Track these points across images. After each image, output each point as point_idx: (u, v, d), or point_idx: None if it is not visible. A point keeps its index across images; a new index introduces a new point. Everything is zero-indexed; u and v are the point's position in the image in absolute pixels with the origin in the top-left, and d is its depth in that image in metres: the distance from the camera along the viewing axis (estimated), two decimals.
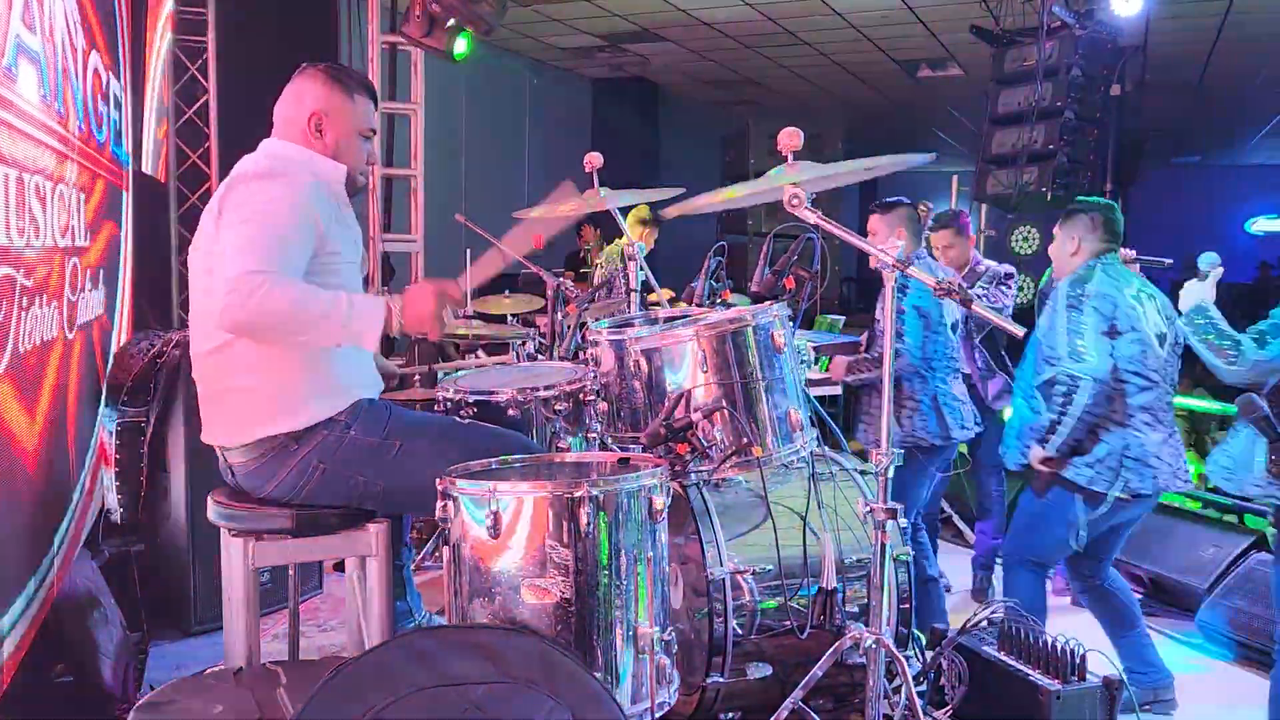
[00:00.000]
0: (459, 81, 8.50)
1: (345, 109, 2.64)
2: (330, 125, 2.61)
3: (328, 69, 2.67)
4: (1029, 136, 6.97)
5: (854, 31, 9.28)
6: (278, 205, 2.42)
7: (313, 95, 2.62)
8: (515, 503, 2.27)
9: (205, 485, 3.30)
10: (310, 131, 2.61)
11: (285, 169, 2.53)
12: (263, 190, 2.45)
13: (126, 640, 3.25)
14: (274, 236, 2.37)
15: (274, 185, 2.46)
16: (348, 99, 2.64)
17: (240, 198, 2.44)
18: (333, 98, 2.63)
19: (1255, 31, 8.99)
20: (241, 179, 2.50)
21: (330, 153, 2.63)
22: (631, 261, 3.46)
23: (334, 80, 2.65)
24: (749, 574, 2.87)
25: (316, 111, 2.61)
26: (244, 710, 2.23)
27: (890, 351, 2.38)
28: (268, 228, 2.37)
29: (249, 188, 2.46)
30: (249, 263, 2.30)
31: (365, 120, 2.69)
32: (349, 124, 2.64)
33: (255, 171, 2.52)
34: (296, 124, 2.62)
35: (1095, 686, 2.76)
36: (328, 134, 2.62)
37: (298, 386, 2.50)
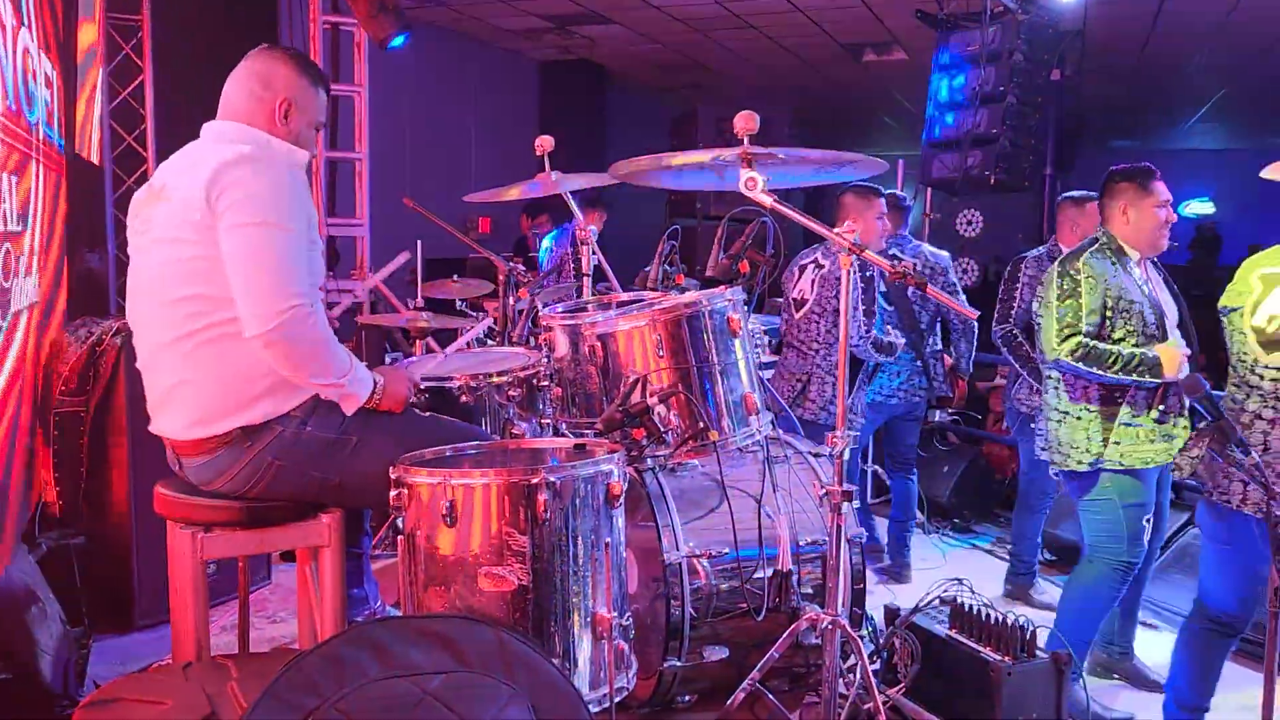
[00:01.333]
0: (403, 63, 8.37)
1: (311, 99, 2.62)
2: (296, 113, 2.58)
3: (294, 55, 2.64)
4: (973, 120, 7.05)
5: (800, 15, 9.29)
6: (278, 207, 2.38)
7: (283, 80, 2.57)
8: (472, 490, 2.25)
9: (149, 476, 3.22)
10: (278, 116, 2.56)
11: (268, 155, 2.47)
12: (256, 184, 2.38)
13: (67, 636, 3.17)
14: (291, 253, 2.38)
15: (263, 175, 2.40)
16: (314, 89, 2.63)
17: (233, 192, 2.36)
18: (302, 86, 2.60)
19: (1190, 18, 9.18)
20: (229, 163, 2.39)
21: (291, 140, 2.58)
22: (584, 245, 3.44)
23: (303, 69, 2.62)
24: (705, 558, 2.88)
25: (287, 98, 2.56)
26: (195, 705, 2.17)
27: (846, 332, 2.39)
28: (285, 240, 2.37)
29: (236, 177, 2.37)
30: (288, 293, 2.34)
31: (322, 113, 2.68)
32: (311, 115, 2.62)
33: (241, 155, 2.42)
34: (263, 107, 2.55)
35: (1044, 663, 2.82)
36: (293, 121, 2.58)
37: (254, 381, 2.43)
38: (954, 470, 5.58)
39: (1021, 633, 2.83)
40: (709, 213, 9.04)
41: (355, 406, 2.52)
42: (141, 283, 2.55)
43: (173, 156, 2.59)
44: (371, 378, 2.55)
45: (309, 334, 2.37)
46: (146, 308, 2.53)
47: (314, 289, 2.48)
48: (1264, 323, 2.70)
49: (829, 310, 4.12)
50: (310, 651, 2.02)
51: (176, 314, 2.44)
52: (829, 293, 4.11)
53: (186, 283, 2.42)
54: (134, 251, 2.58)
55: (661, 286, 3.21)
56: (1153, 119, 14.97)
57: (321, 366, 2.42)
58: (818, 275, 4.15)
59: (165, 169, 2.56)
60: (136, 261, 2.57)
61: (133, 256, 2.59)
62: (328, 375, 2.44)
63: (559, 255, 7.01)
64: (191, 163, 2.47)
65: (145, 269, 2.53)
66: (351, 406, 2.51)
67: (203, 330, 2.42)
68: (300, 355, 2.38)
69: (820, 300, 4.14)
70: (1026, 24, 6.99)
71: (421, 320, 4.31)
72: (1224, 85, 12.45)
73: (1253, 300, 2.73)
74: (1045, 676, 2.81)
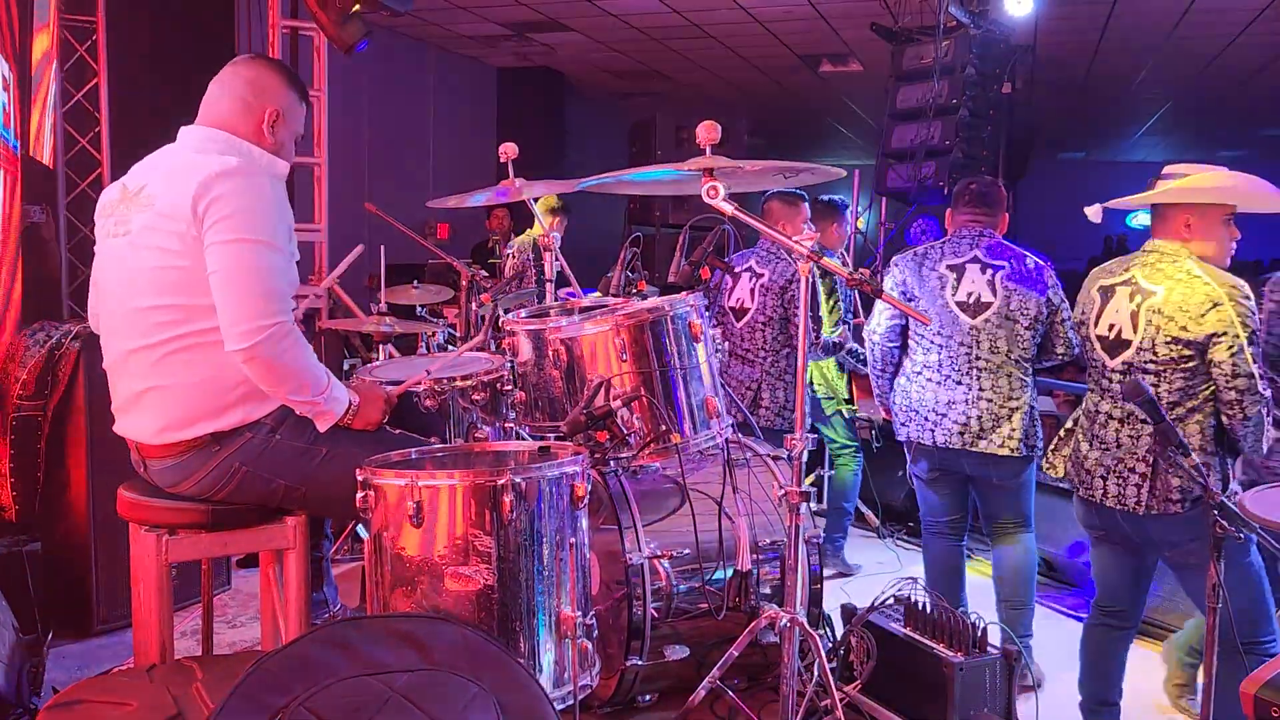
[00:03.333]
0: (362, 68, 8.36)
1: (297, 112, 2.65)
2: (283, 124, 2.60)
3: (284, 67, 2.68)
4: (927, 132, 7.20)
5: (757, 26, 9.42)
6: (266, 223, 2.40)
7: (274, 91, 2.58)
8: (438, 491, 2.28)
9: (108, 481, 3.21)
10: (266, 125, 2.56)
11: (253, 168, 2.47)
12: (245, 199, 2.38)
13: (20, 643, 3.14)
14: (276, 271, 2.39)
15: (251, 189, 2.40)
16: (299, 102, 2.66)
17: (221, 205, 2.36)
18: (291, 99, 2.62)
19: (1136, 35, 9.43)
20: (218, 176, 2.38)
21: (275, 149, 2.59)
22: (548, 252, 3.48)
23: (293, 82, 2.65)
24: (666, 558, 2.92)
25: (277, 109, 2.57)
26: (160, 706, 2.18)
27: (805, 339, 2.45)
28: (270, 257, 2.39)
29: (226, 189, 2.37)
30: (270, 310, 2.36)
31: (301, 124, 2.71)
32: (295, 127, 2.65)
33: (229, 168, 2.41)
34: (253, 116, 2.55)
35: (995, 658, 2.90)
36: (279, 132, 2.59)
37: (227, 389, 2.44)
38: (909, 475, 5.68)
39: (973, 629, 2.92)
40: (668, 221, 9.12)
41: (329, 424, 2.53)
42: (110, 285, 2.53)
43: (150, 157, 2.57)
44: (347, 397, 2.56)
45: (290, 351, 2.39)
46: (114, 311, 2.52)
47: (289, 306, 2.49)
48: (1105, 330, 2.95)
49: (775, 318, 4.19)
50: (278, 651, 2.04)
51: (147, 321, 2.43)
52: (773, 301, 4.18)
53: (161, 292, 2.42)
54: (103, 252, 2.55)
55: (624, 292, 3.27)
56: (1101, 131, 15.33)
57: (300, 384, 2.44)
58: (756, 284, 4.22)
59: (144, 171, 2.53)
60: (104, 262, 2.55)
61: (101, 256, 2.56)
62: (305, 393, 2.45)
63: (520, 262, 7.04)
64: (175, 170, 2.44)
65: (115, 272, 2.51)
66: (325, 424, 2.53)
67: (174, 339, 2.42)
68: (280, 372, 2.40)
69: (763, 308, 4.20)
70: (979, 38, 7.16)
71: (385, 324, 4.31)
72: (1169, 99, 12.79)
73: (1095, 311, 3.00)
74: (995, 671, 2.89)
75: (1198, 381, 2.80)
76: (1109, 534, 3.01)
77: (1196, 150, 15.85)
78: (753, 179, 2.86)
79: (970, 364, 3.45)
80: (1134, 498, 2.84)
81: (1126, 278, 2.94)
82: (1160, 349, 2.82)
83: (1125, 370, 2.89)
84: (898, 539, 5.44)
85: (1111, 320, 2.94)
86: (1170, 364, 2.81)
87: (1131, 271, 2.94)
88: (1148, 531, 2.87)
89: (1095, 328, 2.99)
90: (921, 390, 3.54)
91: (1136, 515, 2.84)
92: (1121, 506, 2.87)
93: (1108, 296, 2.97)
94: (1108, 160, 18.07)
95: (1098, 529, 3.03)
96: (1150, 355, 2.84)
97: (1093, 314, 3.01)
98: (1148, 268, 2.91)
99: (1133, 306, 2.89)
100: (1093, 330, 3.00)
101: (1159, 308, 2.82)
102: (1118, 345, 2.92)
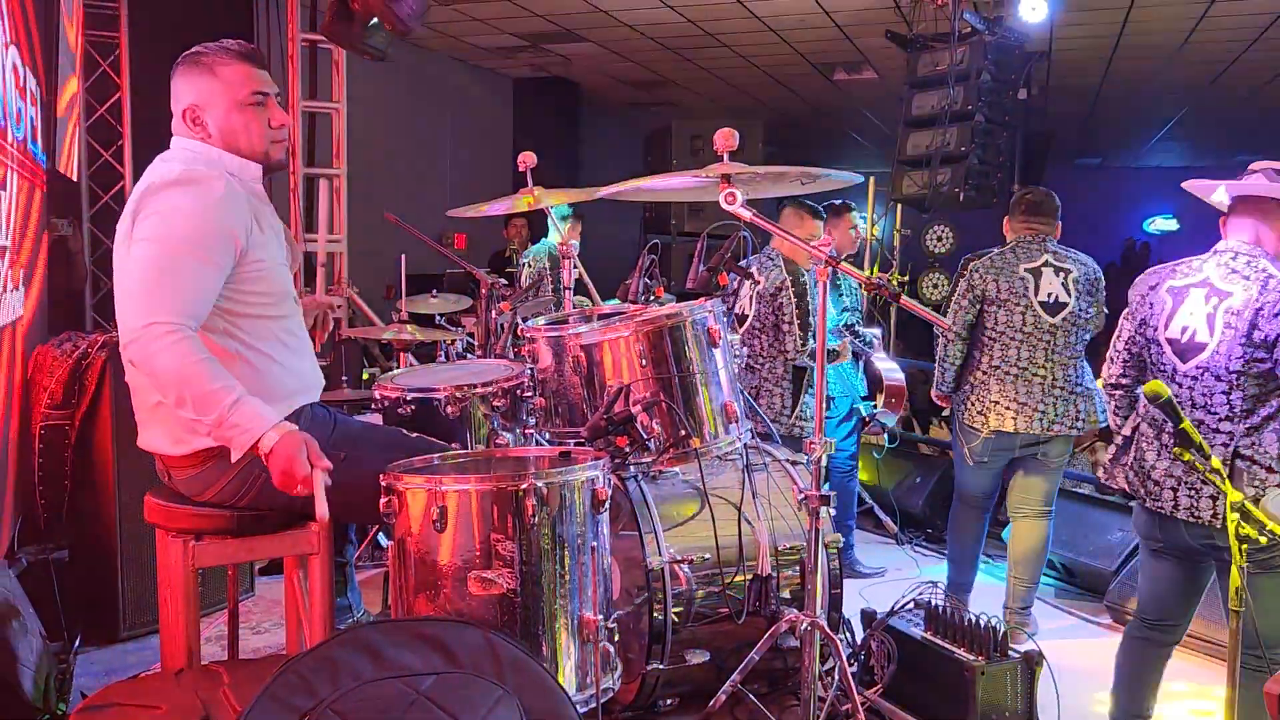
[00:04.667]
0: (380, 81, 8.42)
1: (213, 87, 2.45)
2: (205, 112, 2.45)
3: (185, 58, 2.48)
4: (942, 139, 7.20)
5: (772, 34, 9.44)
6: (184, 227, 2.30)
7: (178, 91, 2.48)
8: (461, 496, 2.30)
9: (134, 489, 3.25)
10: (191, 126, 2.46)
11: (197, 176, 2.38)
12: (172, 205, 2.32)
13: (46, 650, 3.18)
14: (177, 273, 2.27)
15: (185, 198, 2.33)
16: (211, 76, 2.45)
17: (150, 210, 2.33)
18: (196, 83, 2.46)
19: (1150, 40, 9.40)
20: (153, 189, 2.36)
21: (221, 140, 2.47)
22: (566, 260, 3.50)
23: (194, 65, 2.47)
24: (686, 563, 2.94)
25: (189, 106, 2.45)
26: (189, 709, 2.21)
27: (824, 344, 2.47)
28: (172, 260, 2.28)
29: (158, 199, 2.34)
30: (152, 309, 2.23)
31: (242, 86, 2.47)
32: (224, 101, 2.45)
33: (167, 180, 2.36)
34: (180, 124, 2.48)
35: (1016, 662, 2.91)
36: (209, 123, 2.46)
37: None
38: (927, 481, 5.68)
39: (994, 633, 2.92)
40: (683, 229, 9.14)
41: (236, 454, 2.30)
42: (118, 300, 2.57)
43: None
44: (258, 433, 2.25)
45: (159, 356, 2.22)
46: (121, 325, 2.56)
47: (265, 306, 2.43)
48: (1177, 333, 2.85)
49: (768, 325, 4.30)
50: (305, 654, 2.07)
51: None
52: (766, 308, 4.29)
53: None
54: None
55: (641, 299, 3.29)
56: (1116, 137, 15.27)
57: (178, 397, 2.25)
58: (754, 291, 4.28)
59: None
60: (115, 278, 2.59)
61: None
62: (184, 408, 2.26)
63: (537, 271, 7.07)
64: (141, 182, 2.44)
65: (117, 286, 2.53)
66: (234, 452, 2.30)
67: None
68: (154, 379, 2.28)
69: (760, 315, 4.31)
70: (994, 45, 7.15)
71: (406, 333, 4.35)
72: (1185, 104, 12.74)
73: (1165, 314, 2.88)
74: (1016, 675, 2.90)
75: (1271, 387, 2.67)
76: (1168, 547, 2.87)
77: (1214, 156, 15.76)
78: (769, 186, 2.88)
79: (1048, 357, 3.92)
80: (1209, 510, 2.70)
81: (1201, 278, 2.80)
82: (1235, 351, 2.68)
83: (1199, 375, 2.75)
84: (915, 545, 5.44)
85: (1185, 323, 2.79)
86: (1243, 368, 2.67)
87: (1205, 272, 2.80)
88: (1213, 539, 2.72)
89: (1165, 330, 2.84)
90: (1001, 382, 3.94)
91: (1203, 528, 2.71)
92: (1195, 519, 2.73)
93: (1180, 298, 2.83)
94: (1124, 165, 18.01)
95: (1157, 540, 2.89)
96: (1225, 361, 2.70)
97: (1162, 317, 2.85)
98: (1223, 267, 2.77)
99: (1209, 309, 2.74)
100: (1162, 333, 2.85)
101: (1236, 309, 2.69)
102: (1191, 349, 2.77)
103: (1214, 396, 2.72)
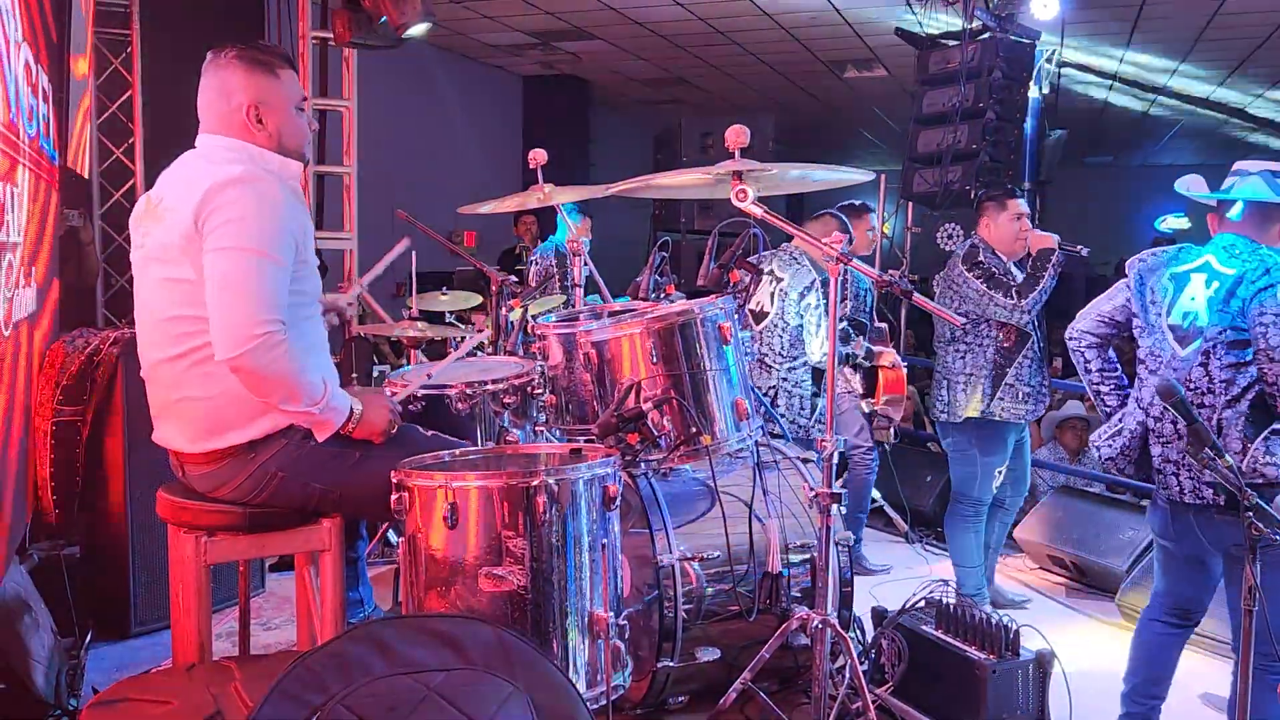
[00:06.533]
0: (390, 79, 8.43)
1: (275, 90, 2.55)
2: (268, 113, 2.53)
3: (242, 54, 2.55)
4: (953, 136, 7.17)
5: (782, 32, 9.43)
6: (260, 229, 2.36)
7: (240, 87, 2.52)
8: (472, 493, 2.30)
9: (146, 485, 3.26)
10: (251, 124, 2.52)
11: (256, 175, 2.43)
12: (242, 208, 2.36)
13: (58, 646, 3.19)
14: (264, 276, 2.35)
15: (253, 199, 2.37)
16: (274, 78, 2.55)
17: (221, 213, 2.35)
18: (262, 83, 2.53)
19: (1165, 35, 9.36)
20: (218, 187, 2.38)
21: (275, 141, 2.55)
22: (576, 257, 3.50)
23: (256, 64, 2.54)
24: (697, 561, 2.94)
25: (250, 103, 2.51)
26: (200, 704, 2.21)
27: (835, 341, 2.46)
28: (259, 264, 2.34)
29: (225, 198, 2.36)
30: (260, 317, 2.31)
31: (296, 93, 2.61)
32: (282, 104, 2.56)
33: (231, 178, 2.39)
34: (233, 119, 2.52)
35: (1028, 661, 2.89)
36: (269, 122, 2.53)
37: (252, 396, 2.42)
38: (936, 479, 5.67)
39: (1005, 632, 2.91)
40: (693, 227, 9.12)
41: (328, 433, 2.48)
42: (142, 297, 2.57)
43: (172, 166, 2.59)
44: (349, 406, 2.50)
45: (276, 361, 2.33)
46: (145, 322, 2.56)
47: (304, 306, 2.49)
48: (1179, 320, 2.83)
49: (790, 325, 4.25)
50: (316, 650, 2.07)
51: (171, 332, 2.46)
52: (790, 308, 4.24)
53: (176, 304, 2.44)
54: (134, 265, 2.60)
55: (652, 297, 3.29)
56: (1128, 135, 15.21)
57: (290, 394, 2.38)
58: (777, 288, 4.25)
59: (164, 182, 2.56)
60: (136, 275, 2.59)
61: (134, 269, 2.62)
62: (297, 403, 2.40)
63: (544, 268, 7.07)
64: (188, 181, 2.45)
65: (143, 284, 2.55)
66: (323, 433, 2.48)
67: (196, 350, 2.43)
68: (269, 382, 2.36)
69: (782, 314, 4.25)
70: (1005, 42, 7.13)
71: (416, 329, 4.35)
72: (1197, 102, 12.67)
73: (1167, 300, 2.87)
74: (1028, 674, 2.89)
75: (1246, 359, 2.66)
76: (1181, 542, 2.86)
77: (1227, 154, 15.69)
78: (780, 183, 2.87)
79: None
80: (1212, 490, 2.70)
81: (1202, 263, 2.80)
82: (1213, 319, 2.68)
83: (1204, 362, 2.75)
84: (926, 544, 5.42)
85: (1186, 309, 2.79)
86: (1217, 336, 2.68)
87: (1206, 258, 2.80)
88: (1219, 531, 2.73)
89: (1168, 318, 2.83)
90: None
91: (1210, 515, 2.71)
92: (1201, 500, 2.72)
93: (1181, 284, 2.82)
94: (1136, 164, 17.93)
95: (1173, 540, 2.89)
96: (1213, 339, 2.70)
97: (1164, 304, 2.85)
98: (1223, 251, 2.78)
99: (1209, 292, 2.75)
100: (1164, 320, 2.84)
101: (1230, 288, 2.70)
102: (1192, 335, 2.77)
103: (1193, 370, 2.72)
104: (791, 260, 4.28)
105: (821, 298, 4.17)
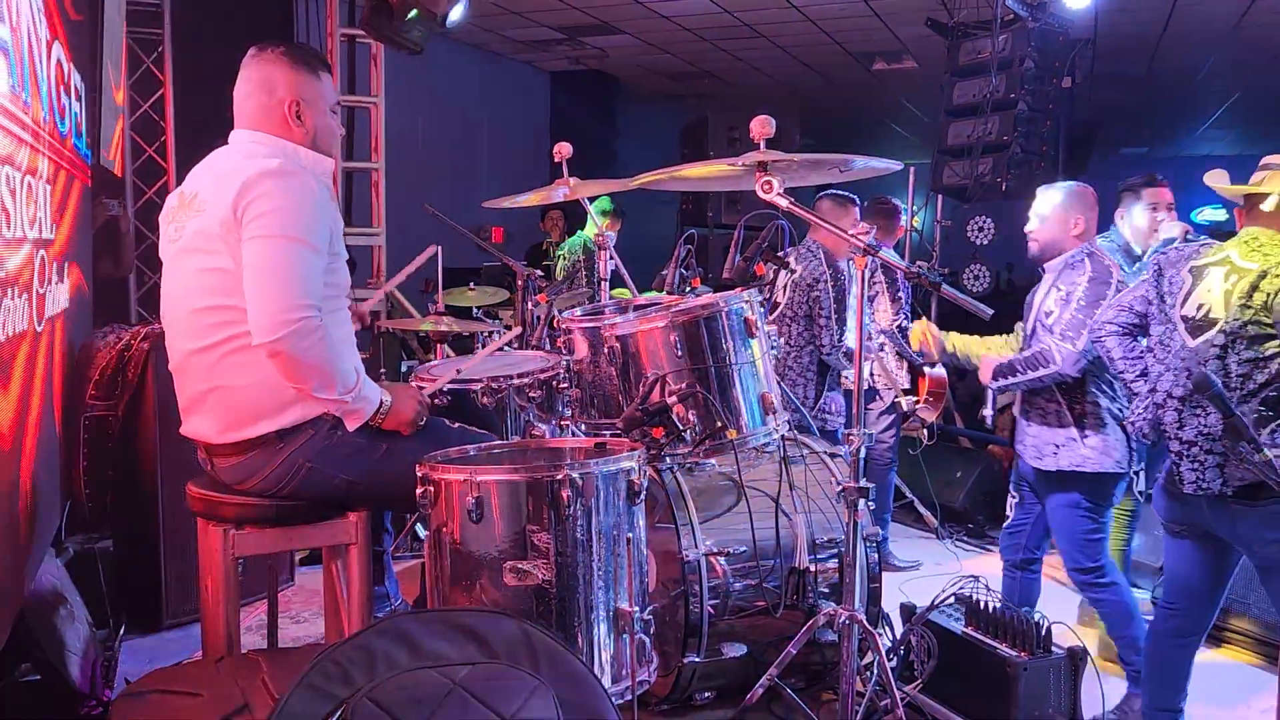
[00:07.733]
0: (418, 75, 8.46)
1: (316, 90, 2.63)
2: (308, 110, 2.59)
3: (288, 51, 2.63)
4: (984, 128, 7.09)
5: (810, 24, 9.36)
6: (298, 219, 2.41)
7: (284, 82, 2.58)
8: (497, 486, 2.30)
9: (177, 479, 3.29)
10: (291, 119, 2.58)
11: (293, 169, 2.48)
12: (280, 199, 2.40)
13: (93, 637, 3.23)
14: (302, 263, 2.40)
15: (291, 191, 2.42)
16: (316, 79, 2.63)
17: (260, 204, 2.39)
18: (305, 81, 2.60)
19: (1201, 25, 9.20)
20: (257, 178, 2.42)
21: (310, 138, 2.61)
22: (603, 251, 3.49)
23: (301, 63, 2.62)
24: (723, 556, 2.92)
25: (294, 99, 2.58)
26: (228, 697, 2.23)
27: (861, 334, 2.44)
28: (298, 252, 2.39)
29: (262, 188, 2.41)
30: (297, 302, 2.36)
31: (333, 96, 2.69)
32: (321, 104, 2.63)
33: (269, 170, 2.44)
34: (274, 113, 2.58)
35: (1060, 658, 2.85)
36: (307, 119, 2.60)
37: (283, 385, 2.46)
38: (967, 475, 5.61)
39: (1037, 629, 2.87)
40: (720, 220, 9.09)
41: (358, 423, 2.53)
42: (173, 290, 2.60)
43: (205, 161, 2.63)
44: (379, 397, 2.55)
45: (314, 347, 2.38)
46: (177, 314, 2.58)
47: (334, 299, 2.52)
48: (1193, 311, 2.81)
49: (800, 315, 4.27)
50: (342, 643, 2.08)
51: (203, 323, 2.49)
52: (800, 298, 4.26)
53: (212, 294, 2.47)
54: (166, 258, 2.63)
55: (678, 290, 3.27)
56: (1164, 125, 14.98)
57: (324, 381, 2.43)
58: (789, 279, 4.25)
59: (197, 176, 2.60)
60: (168, 268, 2.63)
61: (165, 263, 2.65)
62: (331, 390, 2.45)
63: (572, 263, 7.08)
64: (223, 174, 2.49)
65: (176, 277, 2.58)
66: (353, 423, 2.53)
67: (230, 340, 2.46)
68: (304, 368, 2.39)
69: (792, 304, 4.28)
70: (1037, 32, 7.04)
71: (443, 325, 4.37)
72: (1236, 91, 12.46)
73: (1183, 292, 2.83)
74: (1060, 671, 2.84)
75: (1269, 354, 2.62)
76: (1190, 529, 2.83)
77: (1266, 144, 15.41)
78: (807, 174, 2.84)
79: None
80: (1216, 479, 2.66)
81: (1222, 257, 2.77)
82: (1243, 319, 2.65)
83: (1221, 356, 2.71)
84: (956, 540, 5.37)
85: (1201, 300, 2.77)
86: (1239, 329, 2.65)
87: (1227, 251, 2.77)
88: (1234, 526, 2.69)
89: (1181, 309, 2.82)
90: None
91: (1221, 508, 2.68)
92: (1203, 491, 2.69)
93: (1199, 277, 2.80)
94: (1171, 155, 17.66)
95: (1179, 523, 2.86)
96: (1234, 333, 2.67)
97: (1180, 295, 2.83)
98: (1244, 246, 2.74)
99: (1227, 285, 2.71)
100: (1177, 311, 2.83)
101: (1254, 282, 2.66)
102: (1203, 325, 2.74)
103: (1208, 364, 2.68)
104: (808, 253, 4.30)
105: (830, 290, 4.16)
